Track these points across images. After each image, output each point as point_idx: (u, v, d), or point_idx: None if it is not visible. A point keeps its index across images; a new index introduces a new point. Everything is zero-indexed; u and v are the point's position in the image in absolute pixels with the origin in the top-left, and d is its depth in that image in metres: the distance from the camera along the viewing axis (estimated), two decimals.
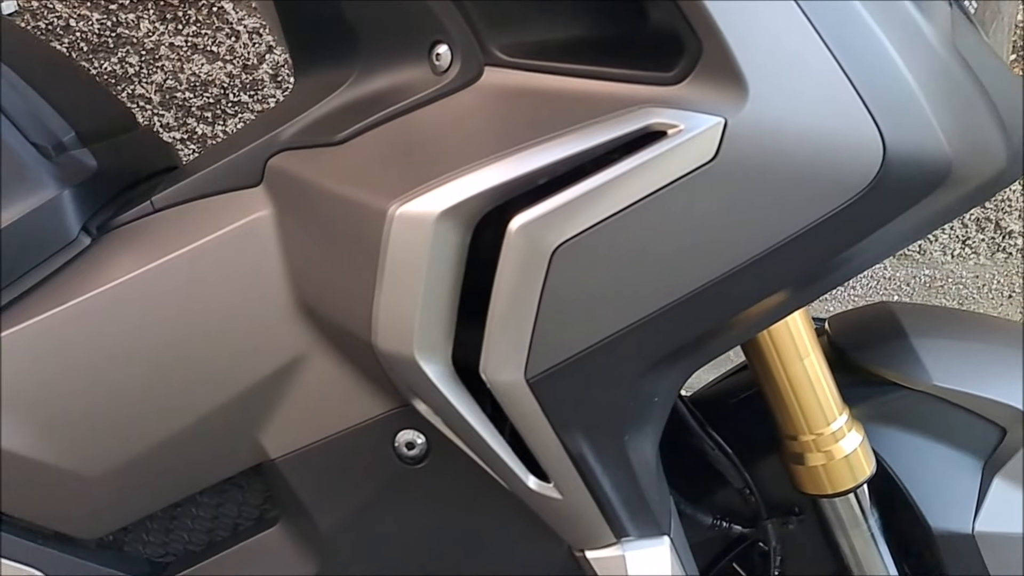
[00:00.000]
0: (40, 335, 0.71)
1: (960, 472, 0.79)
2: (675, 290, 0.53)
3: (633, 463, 0.62)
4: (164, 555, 0.78)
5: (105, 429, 0.71)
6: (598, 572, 0.65)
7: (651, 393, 0.60)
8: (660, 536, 0.66)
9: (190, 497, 0.75)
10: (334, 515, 0.70)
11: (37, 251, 0.74)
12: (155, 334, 0.70)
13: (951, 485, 0.78)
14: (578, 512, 0.62)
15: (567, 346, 0.54)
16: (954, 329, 0.84)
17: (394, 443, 0.67)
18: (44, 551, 0.74)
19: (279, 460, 0.70)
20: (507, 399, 0.56)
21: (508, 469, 0.61)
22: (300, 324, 0.68)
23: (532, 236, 0.51)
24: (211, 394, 0.70)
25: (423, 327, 0.56)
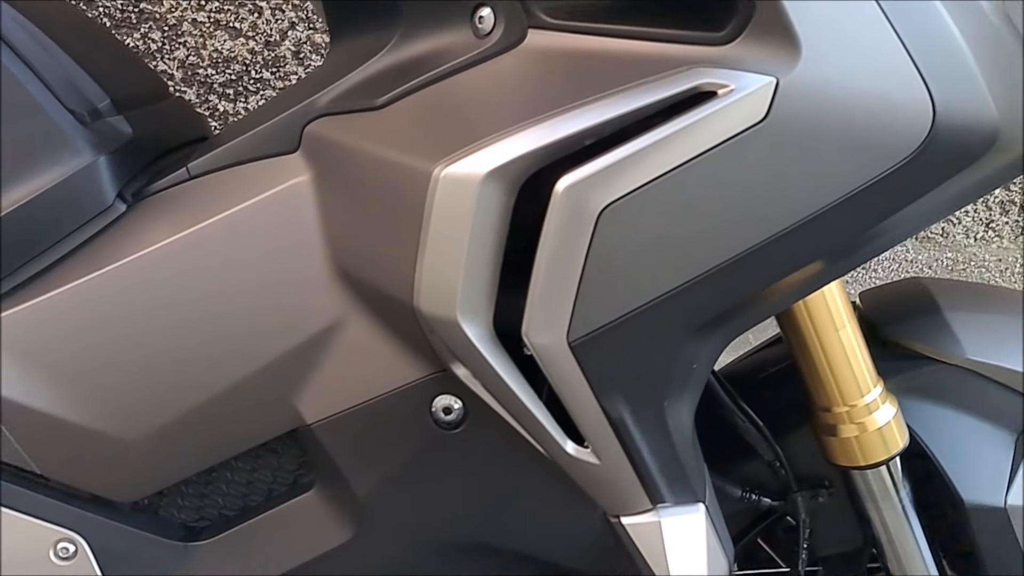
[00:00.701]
0: (78, 299, 0.72)
1: (992, 445, 0.78)
2: (720, 254, 0.53)
3: (671, 429, 0.62)
4: (199, 519, 0.79)
5: (142, 393, 0.72)
6: (634, 538, 0.65)
7: (691, 359, 0.60)
8: (696, 503, 0.66)
9: (225, 462, 0.76)
10: (369, 480, 0.70)
11: (73, 217, 0.75)
12: (192, 299, 0.71)
13: (983, 458, 0.78)
14: (615, 477, 0.63)
15: (610, 309, 0.54)
16: (987, 303, 0.84)
17: (431, 408, 0.67)
18: (82, 514, 0.75)
19: (315, 425, 0.71)
20: (548, 362, 0.57)
21: (546, 434, 0.61)
22: (337, 289, 0.68)
23: (578, 197, 0.51)
24: (247, 359, 0.71)
25: (466, 289, 0.56)
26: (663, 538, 0.64)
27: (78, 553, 0.74)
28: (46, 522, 0.74)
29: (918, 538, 0.79)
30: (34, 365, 0.72)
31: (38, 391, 0.71)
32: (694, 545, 0.65)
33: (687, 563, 0.64)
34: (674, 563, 0.64)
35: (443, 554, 0.71)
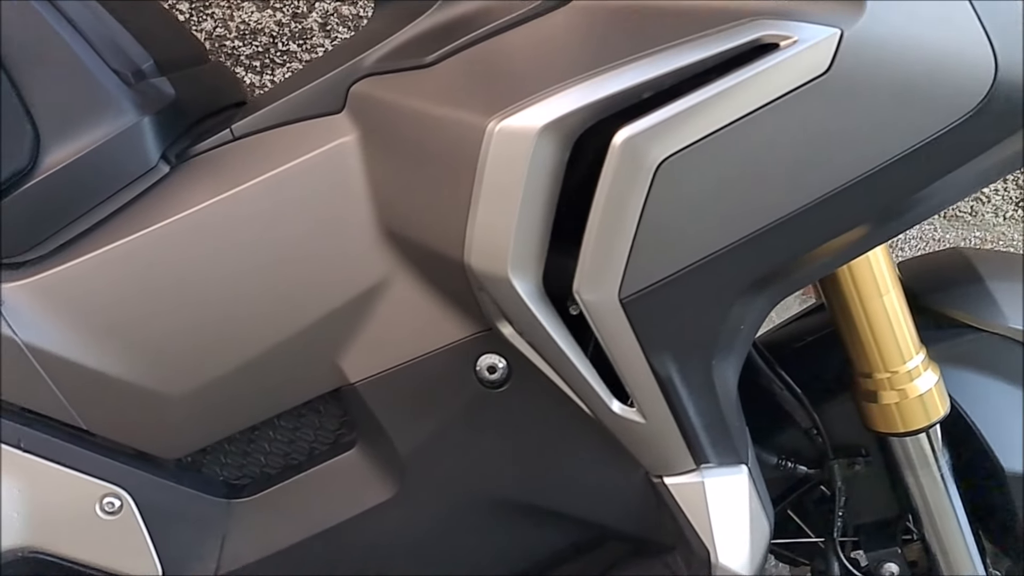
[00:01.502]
0: (124, 258, 0.72)
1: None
2: (776, 210, 0.53)
3: (717, 389, 0.62)
4: (241, 477, 0.79)
5: (188, 350, 0.73)
6: (676, 498, 0.65)
7: (739, 320, 0.60)
8: (739, 465, 0.66)
9: (268, 420, 0.76)
10: (412, 438, 0.71)
11: (117, 177, 0.75)
12: (237, 258, 0.71)
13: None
14: (660, 437, 0.63)
15: (664, 265, 0.55)
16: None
17: (475, 367, 0.68)
18: (127, 470, 0.76)
19: (359, 384, 0.71)
20: (598, 319, 0.57)
21: (592, 392, 0.62)
22: (383, 249, 0.69)
23: (637, 149, 0.50)
24: (292, 318, 0.71)
25: (518, 245, 0.56)
26: (706, 498, 0.65)
27: (123, 508, 0.75)
28: (92, 477, 0.75)
29: (956, 507, 0.79)
30: (81, 322, 0.72)
31: (85, 347, 0.72)
32: (737, 506, 0.65)
33: (730, 524, 0.65)
34: (717, 523, 0.64)
35: (484, 513, 0.72)
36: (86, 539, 0.75)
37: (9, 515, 0.74)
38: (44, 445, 0.75)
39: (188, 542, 0.77)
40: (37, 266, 0.74)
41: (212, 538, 0.77)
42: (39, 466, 0.75)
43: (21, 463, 0.74)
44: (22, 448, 0.74)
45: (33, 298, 0.73)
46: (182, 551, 0.76)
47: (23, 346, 0.72)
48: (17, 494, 0.74)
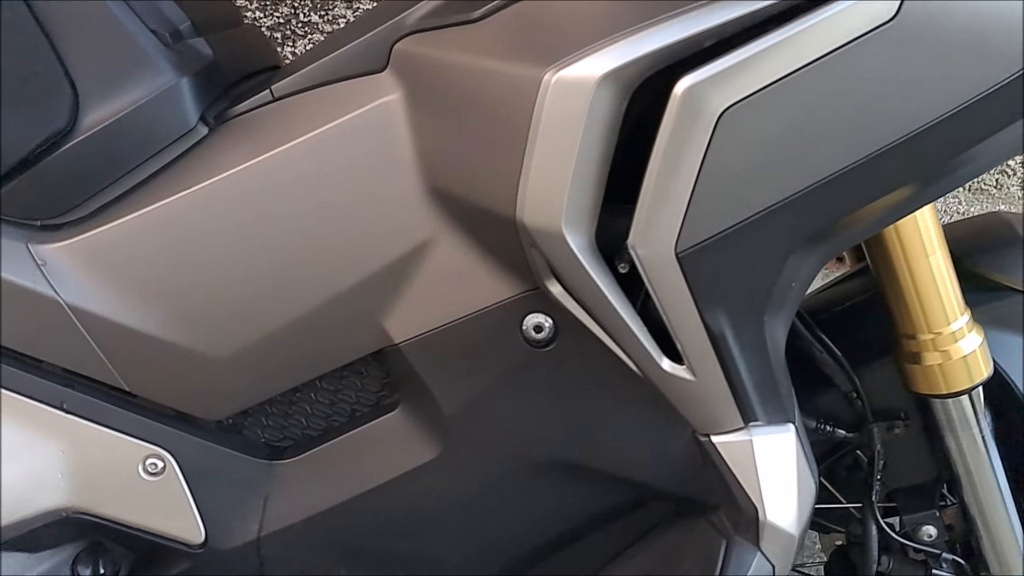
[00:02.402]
0: (166, 218, 0.72)
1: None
2: (838, 160, 0.52)
3: (768, 346, 0.62)
4: (282, 439, 0.80)
5: (230, 311, 0.73)
6: (724, 456, 0.65)
7: (792, 276, 0.60)
8: (786, 423, 0.66)
9: (310, 382, 0.76)
10: (457, 398, 0.70)
11: (157, 138, 0.75)
12: (281, 218, 0.71)
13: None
14: (709, 394, 0.63)
15: (722, 218, 0.54)
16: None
17: (521, 326, 0.68)
18: (169, 431, 0.76)
19: (403, 344, 0.71)
20: (653, 274, 0.56)
21: (642, 349, 0.61)
22: (428, 208, 0.68)
23: (699, 98, 0.50)
24: (336, 279, 0.71)
25: (572, 199, 0.55)
26: (755, 457, 0.64)
27: (166, 469, 0.75)
28: (135, 438, 0.75)
29: (996, 470, 0.79)
30: (123, 283, 0.72)
31: (128, 308, 0.72)
32: (785, 464, 0.65)
33: (778, 482, 0.65)
34: (766, 481, 0.64)
35: (528, 473, 0.72)
36: (129, 500, 0.76)
37: (53, 476, 0.74)
38: (86, 407, 0.75)
39: (230, 503, 0.77)
40: (77, 228, 0.74)
41: (254, 499, 0.77)
42: (82, 428, 0.75)
43: (64, 425, 0.75)
44: (64, 409, 0.75)
45: (74, 259, 0.73)
46: (224, 512, 0.77)
47: (66, 307, 0.72)
48: (60, 455, 0.74)
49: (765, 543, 0.65)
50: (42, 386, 0.75)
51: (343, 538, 0.76)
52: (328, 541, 0.76)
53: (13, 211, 0.74)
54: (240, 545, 0.77)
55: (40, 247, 0.73)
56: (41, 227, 0.75)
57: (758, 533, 0.65)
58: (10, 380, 0.74)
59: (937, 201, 0.74)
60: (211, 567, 0.78)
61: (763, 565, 0.65)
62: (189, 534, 0.77)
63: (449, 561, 0.76)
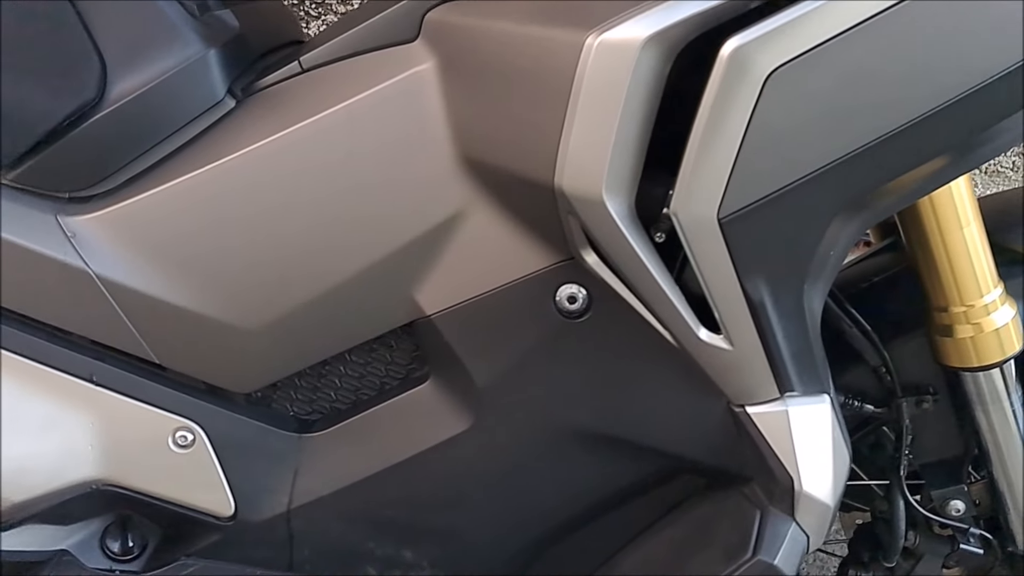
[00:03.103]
0: (195, 191, 0.72)
1: None
2: (883, 125, 0.52)
3: (807, 316, 0.62)
4: (310, 412, 0.80)
5: (261, 283, 0.72)
6: (759, 427, 0.65)
7: (831, 244, 0.60)
8: (821, 394, 0.66)
9: (339, 355, 0.76)
10: (489, 370, 0.70)
11: (184, 110, 0.74)
12: (311, 190, 0.71)
13: None
14: (746, 364, 0.62)
15: (766, 183, 0.54)
16: None
17: (555, 297, 0.67)
18: (199, 404, 0.76)
19: (434, 316, 0.71)
20: (694, 240, 0.56)
21: (678, 319, 0.61)
22: (461, 178, 0.68)
23: (746, 60, 0.49)
24: (367, 251, 0.71)
25: (613, 165, 0.55)
26: (791, 427, 0.64)
27: (196, 442, 0.75)
28: (164, 411, 0.75)
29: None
30: (153, 254, 0.72)
31: (158, 280, 0.72)
32: (821, 435, 0.65)
33: (814, 452, 0.64)
34: (801, 452, 0.64)
35: (560, 444, 0.72)
36: (159, 473, 0.76)
37: (83, 448, 0.74)
38: (116, 379, 0.75)
39: (260, 476, 0.77)
40: (106, 200, 0.74)
41: (284, 472, 0.77)
42: (111, 400, 0.75)
43: (93, 396, 0.74)
44: (94, 382, 0.74)
45: (104, 231, 0.72)
46: (254, 485, 0.77)
47: (96, 279, 0.71)
48: (90, 427, 0.74)
49: (800, 514, 0.65)
50: (71, 358, 0.74)
51: (372, 511, 0.76)
52: (357, 514, 0.77)
53: (41, 183, 0.73)
54: (270, 518, 0.77)
55: (69, 219, 0.72)
56: (69, 199, 0.75)
57: (793, 504, 0.65)
58: (39, 352, 0.74)
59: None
60: (240, 540, 0.78)
61: (798, 536, 0.65)
62: (219, 507, 0.77)
63: (478, 533, 0.76)
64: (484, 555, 0.77)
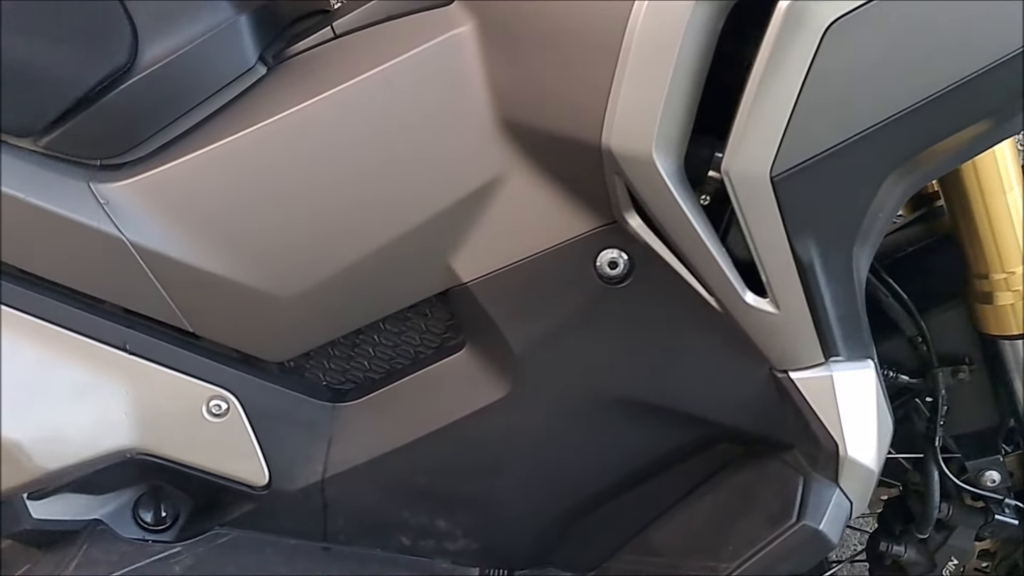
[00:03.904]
0: (228, 157, 0.71)
1: None
2: (941, 79, 0.51)
3: (854, 279, 0.61)
4: (344, 382, 0.79)
5: (296, 251, 0.72)
6: (803, 392, 0.64)
7: (881, 206, 0.59)
8: (866, 359, 0.65)
9: (373, 324, 0.76)
10: (527, 337, 0.70)
11: (215, 77, 0.73)
12: (347, 156, 0.70)
13: None
14: (791, 328, 0.62)
15: (821, 139, 0.53)
16: None
17: (595, 263, 0.67)
18: (232, 373, 0.75)
19: (471, 283, 0.70)
20: (745, 199, 0.55)
21: (725, 282, 0.60)
22: (500, 143, 0.67)
23: (805, 11, 0.49)
24: (403, 217, 0.70)
25: (664, 122, 0.54)
26: (835, 392, 0.64)
27: (230, 411, 0.75)
28: (198, 379, 0.75)
29: None
30: (187, 222, 0.71)
31: (192, 247, 0.71)
32: (865, 400, 0.64)
33: (859, 417, 0.64)
34: (846, 417, 0.64)
35: (598, 412, 0.71)
36: (193, 441, 0.75)
37: (117, 417, 0.74)
38: (149, 347, 0.74)
39: (294, 445, 0.76)
40: (139, 167, 0.73)
41: (318, 441, 0.77)
42: (145, 368, 0.74)
43: (127, 365, 0.74)
44: (127, 350, 0.74)
45: (138, 198, 0.72)
46: (288, 454, 0.76)
47: (130, 246, 0.71)
48: (124, 396, 0.74)
49: (844, 479, 0.65)
50: (103, 326, 0.74)
51: (407, 479, 0.76)
52: (392, 482, 0.76)
53: (73, 150, 0.73)
54: (304, 487, 0.76)
55: (102, 186, 0.72)
56: (101, 166, 0.74)
57: (837, 470, 0.65)
58: (72, 320, 0.73)
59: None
60: (274, 509, 0.77)
61: (842, 501, 0.65)
62: (253, 476, 0.76)
63: (513, 502, 0.76)
64: (519, 524, 0.77)
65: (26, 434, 0.72)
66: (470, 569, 0.79)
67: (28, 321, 0.72)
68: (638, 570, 0.75)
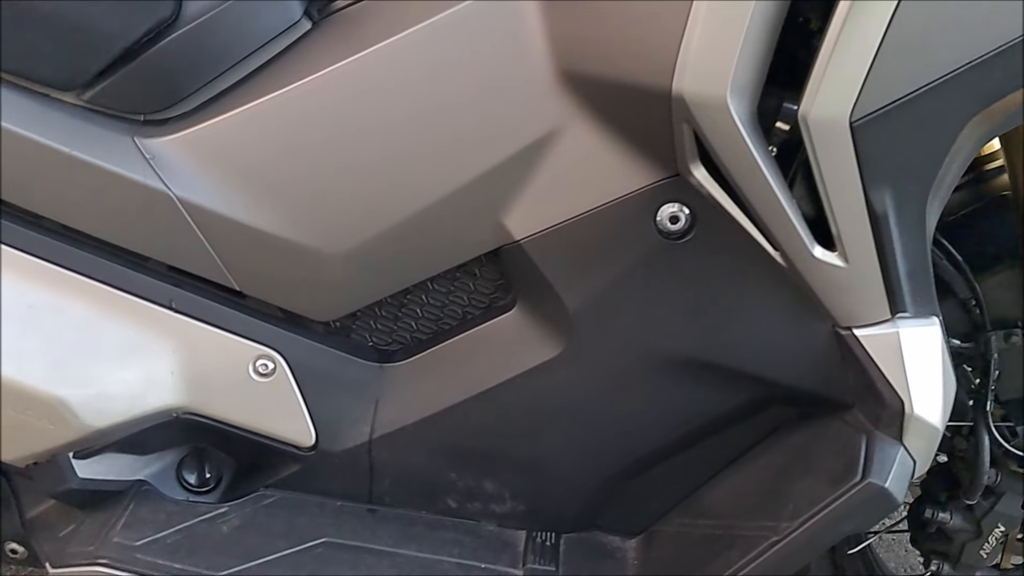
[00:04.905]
0: (276, 112, 0.69)
1: None
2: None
3: (926, 231, 0.60)
4: (390, 343, 0.78)
5: (345, 207, 0.70)
6: (868, 349, 0.63)
7: (955, 155, 0.58)
8: (932, 316, 0.64)
9: (421, 284, 0.75)
10: (582, 295, 0.68)
11: (260, 31, 0.72)
12: (398, 110, 0.68)
13: None
14: (859, 283, 0.61)
15: (903, 84, 0.51)
16: None
17: (655, 217, 0.65)
18: (279, 332, 0.74)
19: (524, 241, 0.69)
20: (823, 145, 0.54)
21: (793, 234, 0.59)
22: (558, 95, 0.65)
23: None
24: (456, 173, 0.69)
25: (740, 65, 0.53)
26: (902, 349, 0.62)
27: (276, 370, 0.74)
28: (244, 339, 0.74)
29: None
30: (236, 177, 0.70)
31: (240, 203, 0.70)
32: (931, 357, 0.63)
33: (925, 375, 0.63)
34: (912, 375, 0.62)
35: (653, 371, 0.70)
36: (240, 401, 0.74)
37: (164, 375, 0.73)
38: (195, 305, 0.73)
39: (341, 406, 0.76)
40: (183, 122, 0.72)
41: (365, 402, 0.76)
42: (191, 327, 0.73)
43: (173, 323, 0.73)
44: (173, 308, 0.73)
45: (183, 153, 0.70)
46: (335, 414, 0.75)
47: (177, 201, 0.70)
48: (171, 354, 0.73)
49: (909, 437, 0.64)
50: (149, 284, 0.73)
51: (455, 440, 0.75)
52: (440, 444, 0.75)
53: (117, 104, 0.71)
54: (351, 448, 0.75)
55: (147, 141, 0.70)
56: (145, 122, 0.72)
57: (902, 428, 0.63)
58: (117, 278, 0.72)
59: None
60: (319, 471, 0.77)
61: (906, 460, 0.64)
62: (300, 436, 0.75)
63: (562, 463, 0.75)
64: (567, 486, 0.76)
65: (73, 392, 0.71)
66: (517, 532, 0.78)
67: (74, 279, 0.72)
68: (689, 532, 0.74)
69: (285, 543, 0.73)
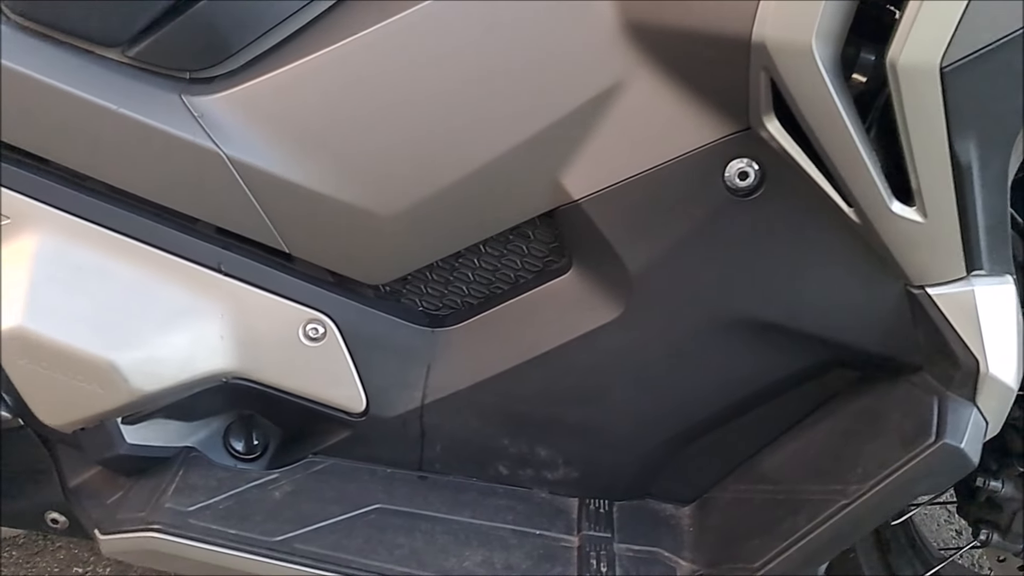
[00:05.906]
0: (329, 68, 0.68)
1: None
2: None
3: (1007, 186, 0.58)
4: (440, 308, 0.76)
5: (399, 166, 0.69)
6: (942, 308, 0.62)
7: None
8: (1006, 275, 0.62)
9: (474, 247, 0.73)
10: (644, 255, 0.67)
11: None
12: (452, 66, 0.67)
13: None
14: (935, 239, 0.59)
15: (996, 27, 0.50)
16: None
17: (724, 174, 0.63)
18: (329, 296, 0.73)
19: (583, 201, 0.67)
20: (911, 92, 0.52)
21: (871, 187, 0.57)
22: (622, 46, 0.63)
23: None
24: (514, 130, 0.67)
25: (827, 10, 0.51)
26: (977, 308, 0.61)
27: (327, 335, 0.72)
28: (294, 302, 0.72)
29: None
30: (286, 135, 0.68)
31: (291, 162, 0.68)
32: (1007, 317, 0.61)
33: (1000, 334, 0.61)
34: (988, 334, 0.61)
35: (717, 333, 0.68)
36: (290, 366, 0.73)
37: (213, 339, 0.71)
38: (244, 268, 0.72)
39: (392, 371, 0.74)
40: (231, 80, 0.70)
41: (417, 367, 0.75)
42: (240, 290, 0.72)
43: (222, 286, 0.72)
44: (222, 271, 0.71)
45: (232, 111, 0.69)
46: (386, 380, 0.74)
47: (227, 160, 0.68)
48: (220, 318, 0.71)
49: (982, 398, 0.62)
50: (197, 246, 0.71)
51: (508, 405, 0.74)
52: (493, 409, 0.74)
53: (162, 61, 0.70)
54: (402, 413, 0.74)
55: (195, 99, 0.69)
56: (191, 80, 0.71)
57: (975, 388, 0.62)
58: (166, 240, 0.71)
59: None
60: (370, 437, 0.75)
61: (979, 421, 0.62)
62: (350, 402, 0.74)
63: (617, 429, 0.74)
64: (622, 452, 0.75)
65: (123, 356, 0.69)
66: (569, 499, 0.77)
67: (122, 241, 0.70)
68: (748, 498, 0.73)
69: (338, 509, 0.72)
